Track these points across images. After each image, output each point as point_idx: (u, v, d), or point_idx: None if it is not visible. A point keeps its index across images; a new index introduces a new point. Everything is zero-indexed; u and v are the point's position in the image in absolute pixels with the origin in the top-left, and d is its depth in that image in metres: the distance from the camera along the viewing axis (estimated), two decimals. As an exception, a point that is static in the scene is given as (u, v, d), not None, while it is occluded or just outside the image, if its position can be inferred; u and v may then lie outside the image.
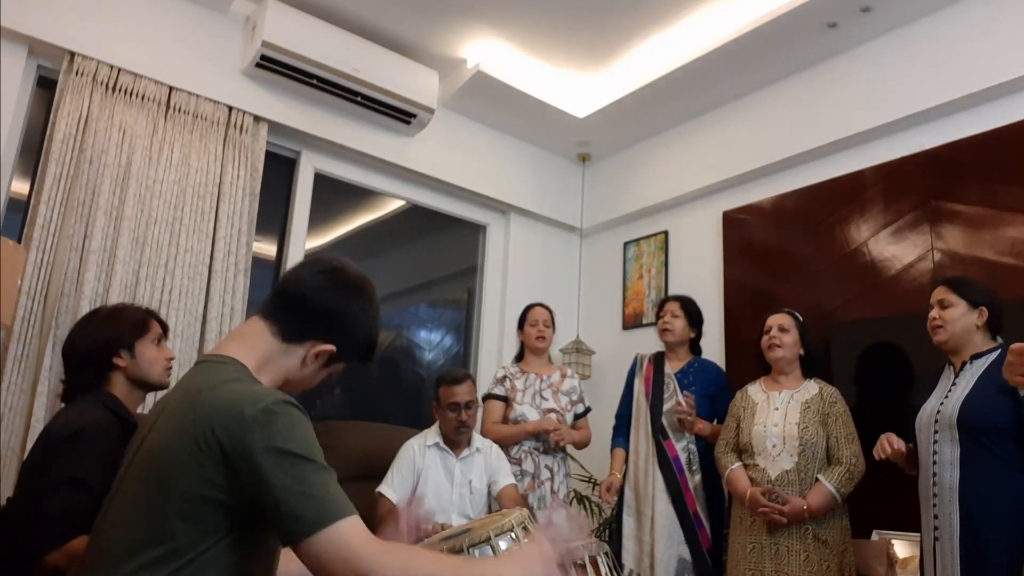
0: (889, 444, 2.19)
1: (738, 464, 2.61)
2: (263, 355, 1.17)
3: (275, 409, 1.02)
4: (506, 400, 3.08)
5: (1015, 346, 1.64)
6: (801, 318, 2.74)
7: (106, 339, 1.77)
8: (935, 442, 2.12)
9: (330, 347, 1.19)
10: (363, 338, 1.24)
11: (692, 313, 3.10)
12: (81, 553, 1.45)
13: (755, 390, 2.72)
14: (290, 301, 1.20)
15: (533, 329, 3.18)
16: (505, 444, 2.92)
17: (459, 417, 2.65)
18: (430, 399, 2.83)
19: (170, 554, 0.98)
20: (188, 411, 1.05)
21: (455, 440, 2.69)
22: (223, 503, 1.00)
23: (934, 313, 2.22)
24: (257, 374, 1.15)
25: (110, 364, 1.76)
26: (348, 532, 0.98)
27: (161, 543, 0.99)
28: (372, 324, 1.25)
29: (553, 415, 3.03)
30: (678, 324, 3.05)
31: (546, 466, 2.98)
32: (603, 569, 1.24)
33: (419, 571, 1.02)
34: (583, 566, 1.23)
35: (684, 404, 2.83)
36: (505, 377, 3.13)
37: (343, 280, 1.22)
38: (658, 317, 3.14)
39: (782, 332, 2.67)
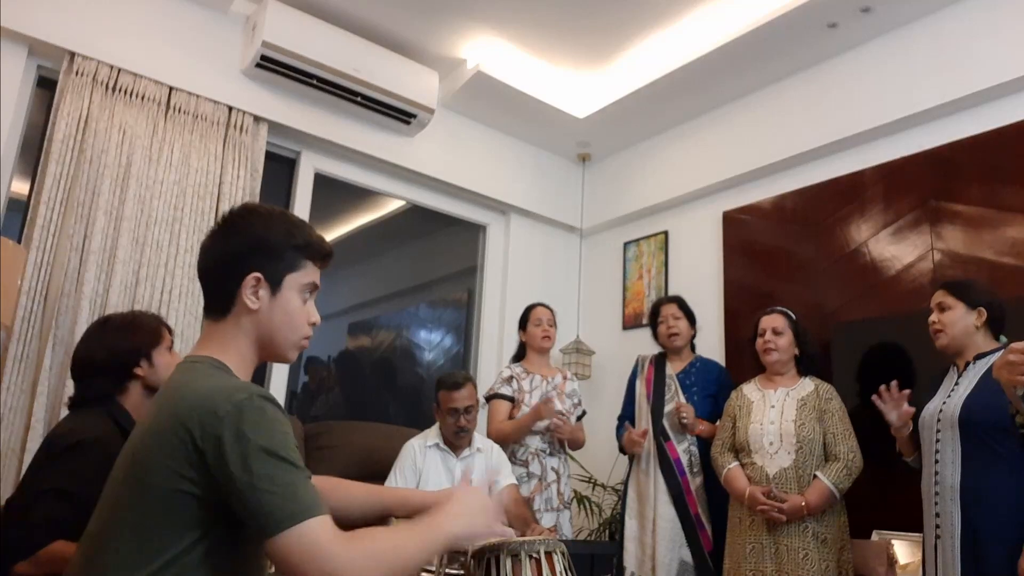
0: (902, 398, 2.18)
1: (735, 463, 2.61)
2: (223, 343, 1.16)
3: (248, 404, 1.01)
4: (512, 400, 3.06)
5: (1016, 344, 1.63)
6: (794, 316, 2.74)
7: (126, 348, 1.77)
8: (937, 441, 2.12)
9: (253, 275, 1.14)
10: (277, 242, 1.17)
11: (689, 312, 3.10)
12: (54, 561, 1.44)
13: (750, 389, 2.73)
14: (205, 283, 1.19)
15: (538, 329, 3.16)
16: (513, 440, 2.91)
17: (458, 423, 2.63)
18: (430, 399, 2.82)
19: (147, 552, 0.98)
20: (164, 409, 1.05)
21: (454, 443, 2.69)
22: (198, 498, 0.99)
23: (933, 317, 2.22)
24: (232, 363, 1.14)
25: (130, 373, 1.76)
26: (316, 531, 0.97)
27: (137, 541, 0.98)
28: (277, 227, 1.18)
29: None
30: (683, 325, 3.05)
31: (552, 468, 2.97)
32: (558, 567, 1.22)
33: (383, 551, 1.02)
34: (537, 560, 1.21)
35: (684, 410, 2.82)
36: (512, 377, 3.10)
37: (221, 227, 1.19)
38: (655, 323, 3.11)
39: (776, 335, 2.66)
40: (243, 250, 1.16)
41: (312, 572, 0.95)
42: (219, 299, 1.17)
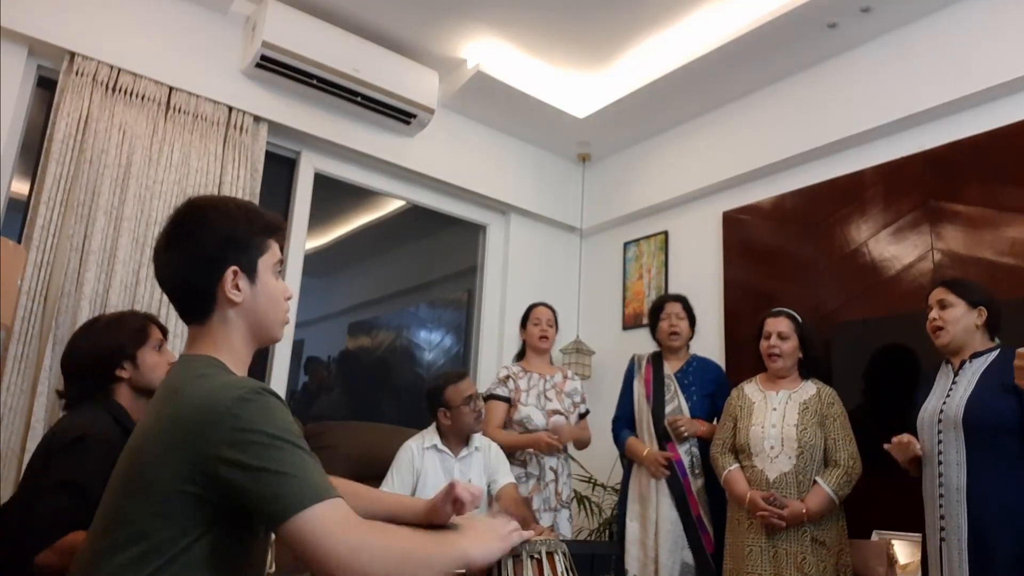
0: (910, 444, 2.16)
1: (736, 465, 2.60)
2: (214, 342, 1.16)
3: (249, 397, 1.01)
4: (509, 401, 3.06)
5: None
6: (800, 319, 2.72)
7: (108, 350, 1.76)
8: (939, 442, 2.12)
9: (230, 269, 1.14)
10: (243, 231, 1.17)
11: (692, 314, 3.09)
12: (75, 550, 1.46)
13: (752, 389, 2.71)
14: (180, 292, 1.17)
15: (536, 328, 3.17)
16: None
17: (475, 408, 2.68)
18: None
19: (147, 552, 0.98)
20: (164, 408, 1.05)
21: (474, 431, 2.71)
22: (198, 497, 0.99)
23: (934, 314, 2.22)
24: (228, 360, 1.15)
25: (113, 376, 1.76)
26: (330, 513, 0.97)
27: (137, 541, 0.98)
28: (237, 216, 1.18)
29: (559, 417, 3.02)
30: (684, 326, 3.04)
31: (551, 468, 2.97)
32: (559, 567, 1.23)
33: (398, 546, 1.03)
34: (539, 560, 1.21)
35: (680, 423, 2.82)
36: (508, 377, 3.10)
37: (176, 232, 1.17)
38: (656, 320, 3.10)
39: (781, 340, 2.63)
40: (214, 249, 1.15)
41: (327, 554, 0.95)
42: (199, 303, 1.16)
